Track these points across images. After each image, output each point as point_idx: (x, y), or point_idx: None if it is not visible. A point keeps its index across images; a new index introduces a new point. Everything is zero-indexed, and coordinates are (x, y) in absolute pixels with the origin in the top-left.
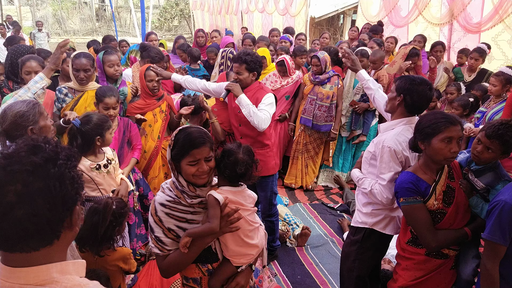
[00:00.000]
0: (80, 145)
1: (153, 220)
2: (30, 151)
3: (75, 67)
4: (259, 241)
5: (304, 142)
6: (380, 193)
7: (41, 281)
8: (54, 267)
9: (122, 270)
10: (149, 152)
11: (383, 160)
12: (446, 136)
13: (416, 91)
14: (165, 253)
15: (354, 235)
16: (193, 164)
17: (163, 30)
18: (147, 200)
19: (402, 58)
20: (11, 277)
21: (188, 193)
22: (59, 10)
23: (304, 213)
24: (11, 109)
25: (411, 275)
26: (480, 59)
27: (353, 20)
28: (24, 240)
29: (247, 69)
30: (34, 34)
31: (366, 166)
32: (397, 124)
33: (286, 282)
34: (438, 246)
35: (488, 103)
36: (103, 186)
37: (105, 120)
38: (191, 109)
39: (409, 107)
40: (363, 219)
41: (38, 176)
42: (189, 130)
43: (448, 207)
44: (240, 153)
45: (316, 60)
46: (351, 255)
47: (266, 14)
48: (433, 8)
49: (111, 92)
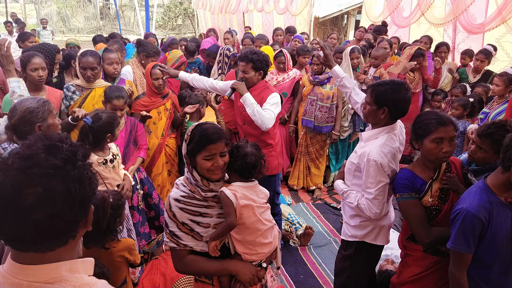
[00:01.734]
0: (92, 142)
1: (167, 216)
2: (48, 152)
3: (82, 65)
4: (272, 240)
5: (305, 144)
6: (368, 209)
7: (50, 279)
8: (63, 265)
9: (128, 261)
10: (152, 149)
11: (370, 174)
12: (436, 137)
13: (399, 100)
14: (181, 247)
15: (345, 249)
16: (209, 159)
17: (167, 29)
18: (151, 198)
19: (407, 58)
20: (20, 274)
21: (202, 188)
22: (64, 8)
23: (307, 213)
24: (21, 104)
25: (410, 271)
26: (486, 61)
27: (357, 20)
28: (41, 242)
29: (253, 68)
30: (38, 32)
31: (350, 178)
32: (380, 133)
33: (289, 282)
34: (431, 242)
35: (491, 104)
36: (108, 180)
37: (115, 117)
38: (196, 108)
39: (394, 116)
40: (353, 232)
41: (59, 178)
42: (205, 126)
43: (444, 204)
44: (248, 147)
45: (317, 59)
46: (345, 271)
47: (265, 13)
48: (437, 8)
49: (119, 93)
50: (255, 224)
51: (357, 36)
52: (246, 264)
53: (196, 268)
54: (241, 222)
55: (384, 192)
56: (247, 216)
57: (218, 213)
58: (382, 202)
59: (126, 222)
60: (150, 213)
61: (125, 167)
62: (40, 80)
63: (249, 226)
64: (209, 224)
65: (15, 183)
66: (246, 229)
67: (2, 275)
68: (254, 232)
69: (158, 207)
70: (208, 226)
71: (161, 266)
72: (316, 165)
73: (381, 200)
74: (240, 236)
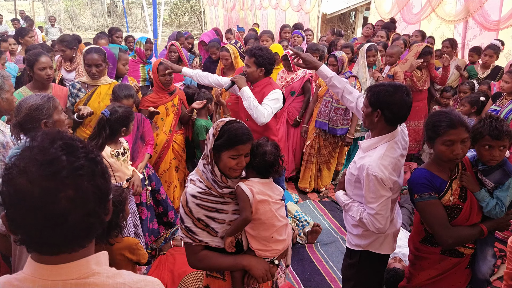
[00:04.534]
0: (108, 134)
1: (183, 211)
2: (67, 152)
3: (86, 62)
4: (287, 237)
5: (318, 146)
6: (371, 224)
7: (83, 274)
8: (92, 259)
9: (131, 261)
10: (160, 145)
11: (370, 189)
12: (446, 139)
13: (393, 103)
14: (196, 242)
15: (350, 258)
16: (235, 158)
17: (174, 26)
18: (159, 194)
19: (415, 56)
20: (52, 275)
21: (219, 184)
22: (71, 6)
23: (314, 210)
24: (26, 102)
25: (426, 274)
26: (495, 56)
27: (365, 17)
28: (77, 241)
29: (255, 63)
30: (47, 29)
31: (351, 188)
32: (379, 142)
33: (296, 279)
34: (454, 243)
35: (501, 101)
36: (118, 173)
37: (131, 112)
38: (203, 103)
39: (390, 121)
40: (356, 242)
41: (87, 177)
42: (237, 126)
43: (464, 202)
44: (268, 145)
45: (333, 59)
46: (351, 279)
47: (279, 10)
48: (448, 5)
49: (129, 92)
50: (271, 220)
51: (365, 33)
52: (260, 260)
53: (210, 263)
54: (257, 218)
55: (387, 206)
56: (263, 212)
57: (233, 210)
58: (385, 216)
59: (134, 218)
60: (158, 209)
61: (134, 164)
62: (48, 79)
63: (265, 221)
64: (224, 220)
65: (45, 191)
66: (261, 224)
67: (30, 281)
68: (270, 228)
69: (166, 202)
70: (223, 222)
71: (168, 262)
72: (328, 167)
73: (383, 215)
74: (255, 232)
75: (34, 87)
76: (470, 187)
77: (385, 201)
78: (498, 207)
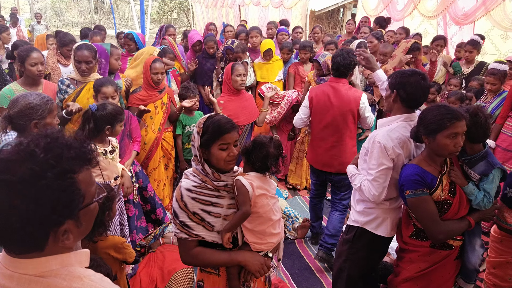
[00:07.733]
0: (92, 129)
1: (178, 206)
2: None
3: (77, 59)
4: (280, 231)
5: (308, 142)
6: (367, 190)
7: (39, 272)
8: (53, 259)
9: (117, 259)
10: (149, 143)
11: (373, 155)
12: (452, 132)
13: (408, 83)
14: (192, 237)
15: (346, 233)
16: (224, 149)
17: (162, 23)
18: (147, 192)
19: (403, 52)
20: (11, 266)
21: (212, 180)
22: (58, 3)
23: (304, 206)
24: (24, 98)
25: (416, 267)
26: (475, 51)
27: (353, 14)
28: (25, 245)
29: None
30: (33, 26)
31: (361, 162)
32: (394, 120)
33: (285, 274)
34: (444, 238)
35: (485, 97)
36: (106, 172)
37: (120, 112)
38: (194, 102)
39: (405, 101)
40: (355, 217)
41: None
42: (218, 117)
43: (453, 197)
44: (271, 147)
45: (317, 64)
46: (343, 255)
47: (261, 7)
48: (429, 1)
49: (108, 82)
50: (268, 214)
51: (348, 29)
52: (255, 254)
53: (204, 260)
54: (255, 211)
55: (386, 176)
56: (261, 205)
57: (228, 204)
58: (382, 185)
59: (120, 216)
60: (146, 206)
61: (121, 161)
62: (39, 75)
63: (262, 215)
64: (219, 214)
65: None
66: (258, 217)
67: None
68: (266, 221)
69: (153, 200)
70: (219, 216)
71: (158, 260)
72: None
73: (381, 183)
74: (251, 225)
75: (25, 83)
76: (459, 182)
77: (385, 170)
78: (486, 199)
